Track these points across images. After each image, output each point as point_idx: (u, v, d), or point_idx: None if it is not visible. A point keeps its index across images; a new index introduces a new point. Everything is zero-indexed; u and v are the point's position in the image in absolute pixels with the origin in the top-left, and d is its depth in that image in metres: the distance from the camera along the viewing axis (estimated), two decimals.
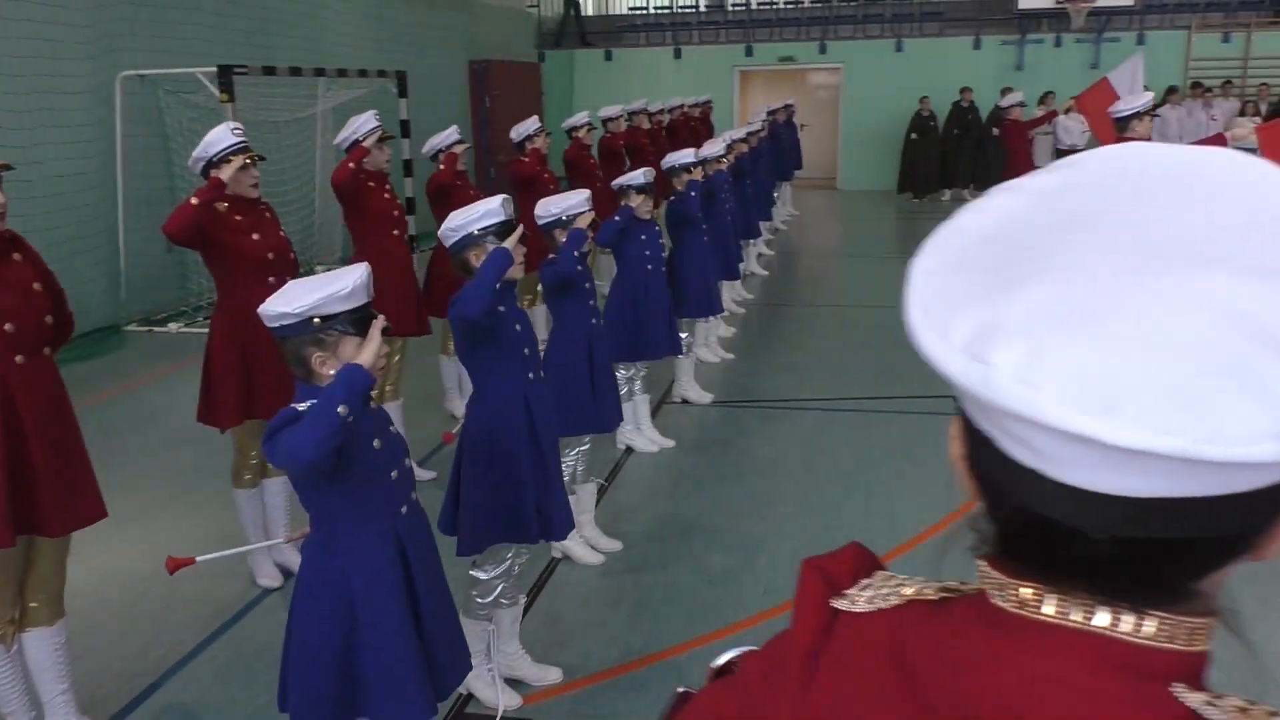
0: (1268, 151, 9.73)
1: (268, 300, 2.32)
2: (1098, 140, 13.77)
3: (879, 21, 17.61)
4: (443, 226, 3.21)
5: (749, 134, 9.21)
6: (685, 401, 6.44)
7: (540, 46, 18.14)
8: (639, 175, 5.26)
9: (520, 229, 3.24)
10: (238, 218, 3.97)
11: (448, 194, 5.78)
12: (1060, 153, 14.17)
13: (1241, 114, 15.12)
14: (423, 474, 5.40)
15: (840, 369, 7.13)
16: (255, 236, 4.01)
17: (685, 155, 6.12)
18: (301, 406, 2.25)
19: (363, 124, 4.91)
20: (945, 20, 17.36)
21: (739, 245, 8.10)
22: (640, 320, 5.29)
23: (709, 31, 18.26)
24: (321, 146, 10.65)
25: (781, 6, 18.38)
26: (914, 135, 16.10)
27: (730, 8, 18.66)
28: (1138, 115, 6.01)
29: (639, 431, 5.65)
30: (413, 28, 13.49)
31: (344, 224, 5.64)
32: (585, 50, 18.46)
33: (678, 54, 17.90)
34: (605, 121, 9.15)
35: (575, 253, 3.99)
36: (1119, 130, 6.12)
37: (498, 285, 3.02)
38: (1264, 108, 15.07)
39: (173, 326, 8.66)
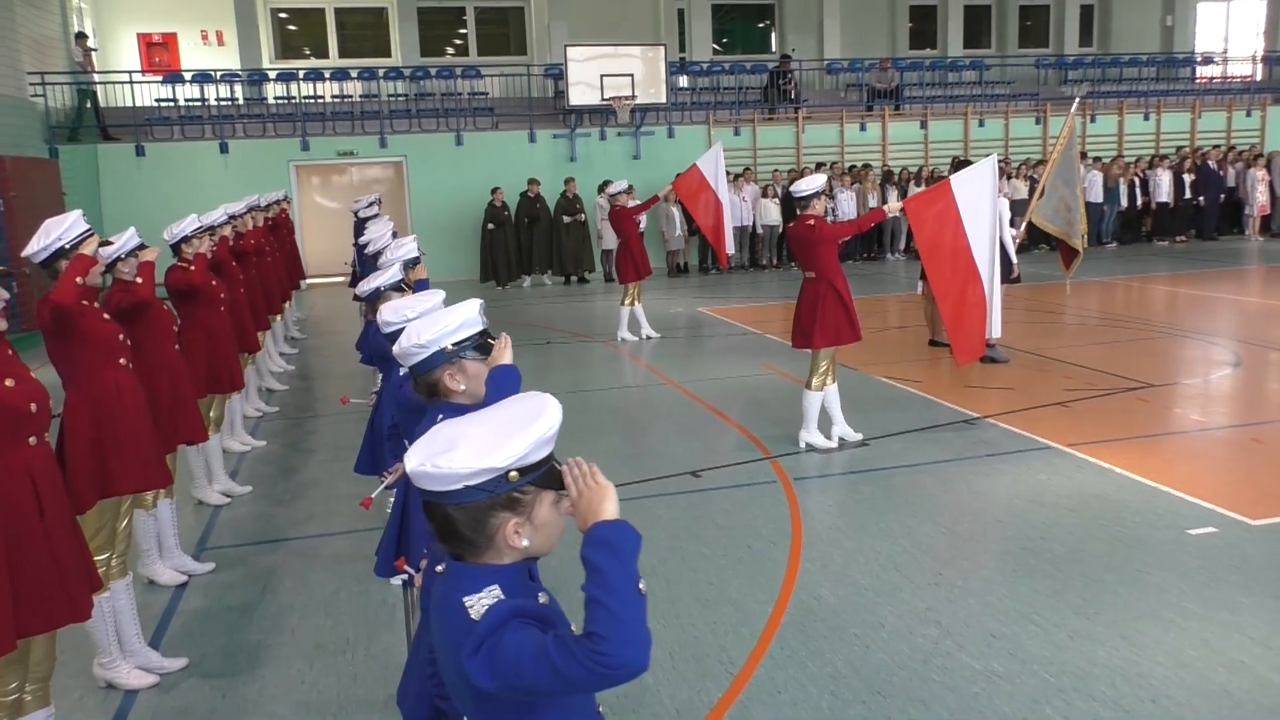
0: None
1: (428, 456, 1.62)
2: (694, 224, 14.90)
3: (434, 115, 17.71)
4: (402, 343, 2.50)
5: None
6: None
7: (51, 141, 15.67)
8: (412, 246, 4.93)
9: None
10: None
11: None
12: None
13: (764, 196, 17.44)
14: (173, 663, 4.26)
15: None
16: (9, 383, 2.89)
17: (410, 250, 5.56)
18: (498, 599, 1.61)
19: (71, 228, 3.76)
20: (499, 115, 17.93)
21: None
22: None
23: (255, 125, 17.08)
24: None
25: (329, 100, 17.78)
26: (491, 225, 16.32)
27: (273, 100, 17.65)
28: (817, 194, 6.60)
29: None
30: None
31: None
32: (109, 145, 16.31)
33: (224, 148, 16.49)
34: (232, 219, 8.06)
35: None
36: (801, 208, 6.67)
37: None
38: (779, 190, 17.49)
39: None
